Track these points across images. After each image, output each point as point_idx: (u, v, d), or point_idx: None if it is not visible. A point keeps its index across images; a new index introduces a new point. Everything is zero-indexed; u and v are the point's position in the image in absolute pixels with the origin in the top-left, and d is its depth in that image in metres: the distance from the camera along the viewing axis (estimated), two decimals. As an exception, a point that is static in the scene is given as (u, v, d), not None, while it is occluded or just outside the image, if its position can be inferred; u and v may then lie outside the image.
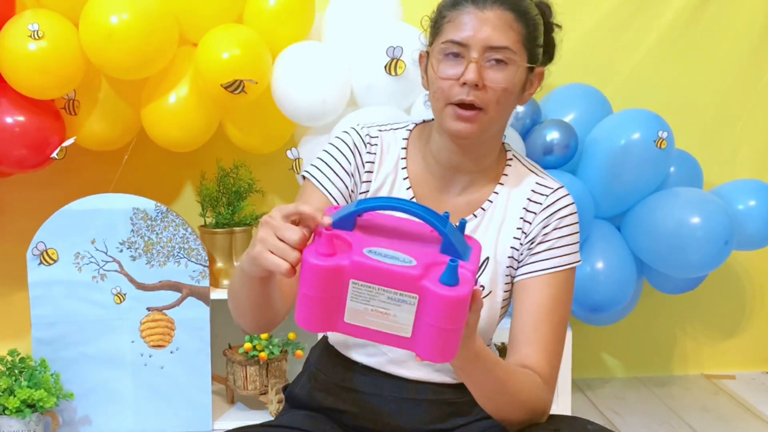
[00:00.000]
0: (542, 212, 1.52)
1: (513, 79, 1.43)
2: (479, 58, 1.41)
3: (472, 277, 1.11)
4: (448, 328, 1.10)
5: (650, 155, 2.50)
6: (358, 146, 1.55)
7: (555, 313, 1.49)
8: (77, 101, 2.42)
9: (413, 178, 1.56)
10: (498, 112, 1.45)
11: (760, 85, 3.02)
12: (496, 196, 1.54)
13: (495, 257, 1.52)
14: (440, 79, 1.44)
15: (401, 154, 1.56)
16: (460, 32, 1.42)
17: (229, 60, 2.27)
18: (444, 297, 1.08)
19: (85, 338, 2.47)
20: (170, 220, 2.46)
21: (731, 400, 2.92)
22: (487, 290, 1.52)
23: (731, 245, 2.51)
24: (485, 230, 1.53)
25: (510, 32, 1.41)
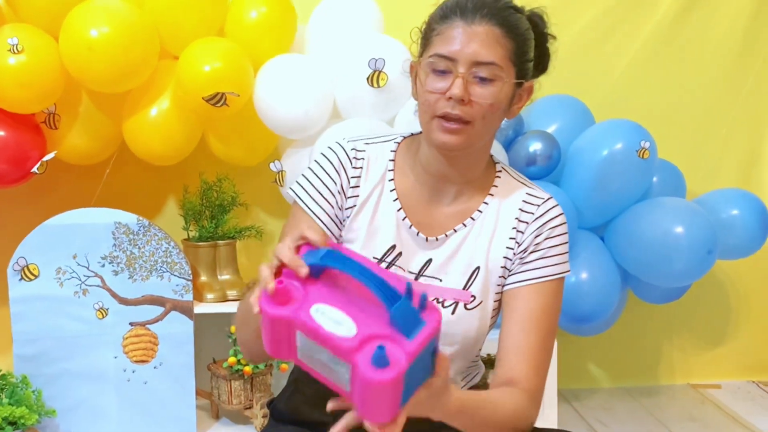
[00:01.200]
0: (534, 222, 1.52)
1: (499, 94, 1.43)
2: (466, 73, 1.41)
3: (408, 358, 1.09)
4: (376, 402, 1.10)
5: (633, 165, 2.51)
6: (343, 162, 1.55)
7: (544, 323, 1.49)
8: (58, 115, 2.41)
9: (400, 190, 1.55)
10: (484, 126, 1.45)
11: (741, 95, 3.04)
12: (486, 206, 1.54)
13: (486, 267, 1.53)
14: (427, 93, 1.45)
15: (388, 167, 1.56)
16: (447, 46, 1.42)
17: (211, 73, 2.26)
18: (367, 379, 1.08)
19: (68, 354, 2.45)
20: (153, 233, 2.45)
21: (717, 410, 2.92)
22: (478, 300, 1.52)
23: (715, 254, 2.52)
24: (475, 239, 1.53)
25: (498, 48, 1.41)
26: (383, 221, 1.55)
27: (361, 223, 1.55)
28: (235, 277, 2.67)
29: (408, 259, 1.54)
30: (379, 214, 1.55)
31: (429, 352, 1.14)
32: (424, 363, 1.15)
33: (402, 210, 1.54)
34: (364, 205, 1.55)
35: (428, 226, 1.55)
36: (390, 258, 1.54)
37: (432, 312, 1.15)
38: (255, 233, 2.70)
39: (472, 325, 1.52)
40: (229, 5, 2.44)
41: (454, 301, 1.52)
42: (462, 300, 1.52)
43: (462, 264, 1.53)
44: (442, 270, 1.54)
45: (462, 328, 1.52)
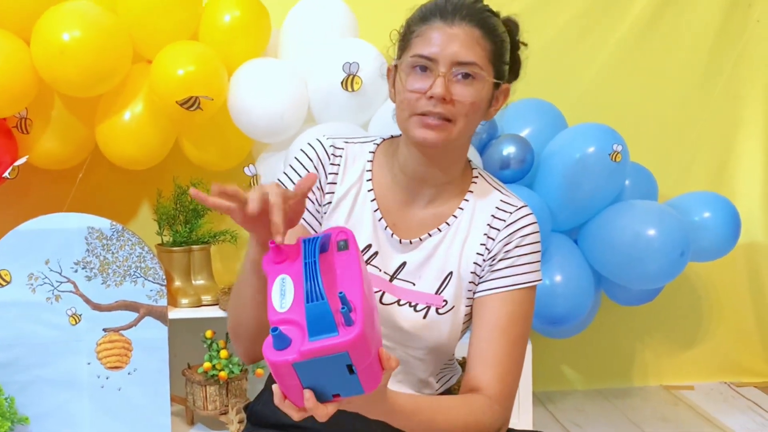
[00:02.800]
0: (505, 229, 1.52)
1: (480, 93, 1.44)
2: (447, 72, 1.42)
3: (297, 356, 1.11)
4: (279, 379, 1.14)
5: (605, 168, 2.53)
6: (322, 159, 1.56)
7: (511, 331, 1.49)
8: (29, 119, 2.39)
9: (378, 190, 1.56)
10: (465, 124, 1.46)
11: (712, 99, 3.08)
12: (461, 211, 1.54)
13: (458, 272, 1.53)
14: (408, 92, 1.45)
15: (366, 167, 1.57)
16: (428, 47, 1.43)
17: (185, 77, 2.25)
18: (263, 351, 1.12)
19: (40, 361, 2.42)
20: (126, 238, 2.43)
21: (690, 411, 2.94)
22: (450, 305, 1.52)
23: (687, 256, 2.54)
24: (449, 244, 1.54)
25: (477, 48, 1.43)
26: (360, 220, 1.55)
27: (337, 221, 1.55)
28: (210, 282, 2.66)
29: (384, 259, 1.54)
30: (356, 213, 1.55)
31: (340, 365, 1.13)
32: (335, 372, 1.13)
33: (378, 210, 1.55)
34: (341, 202, 1.56)
35: (403, 228, 1.55)
36: (366, 257, 1.54)
37: (349, 331, 1.12)
38: (229, 238, 2.69)
39: (443, 329, 1.52)
40: (203, 9, 2.44)
41: (426, 305, 1.52)
42: (434, 305, 1.52)
43: (435, 269, 1.53)
44: (416, 274, 1.53)
45: (433, 333, 1.52)
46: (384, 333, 1.54)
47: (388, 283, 1.53)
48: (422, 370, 1.58)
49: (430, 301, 1.52)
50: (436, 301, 1.52)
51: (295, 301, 1.17)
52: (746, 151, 3.15)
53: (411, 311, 1.52)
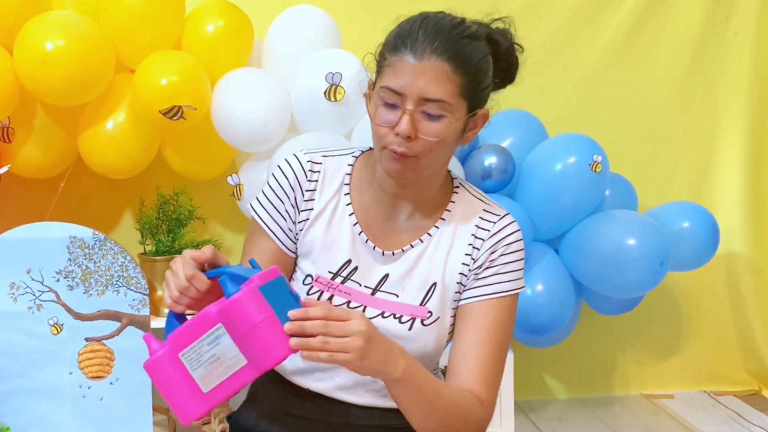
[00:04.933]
0: (490, 239, 1.53)
1: (447, 131, 1.42)
2: (413, 110, 1.40)
3: (259, 281, 1.23)
4: (254, 324, 1.21)
5: (586, 179, 2.55)
6: (298, 176, 1.55)
7: (495, 337, 1.50)
8: (11, 128, 2.38)
9: (357, 204, 1.56)
10: (431, 159, 1.45)
11: (691, 110, 3.11)
12: (443, 222, 1.55)
13: (443, 283, 1.53)
14: (377, 125, 1.44)
15: (345, 180, 1.56)
16: (396, 80, 1.40)
17: (168, 86, 2.26)
18: (228, 305, 1.22)
19: (22, 370, 2.41)
20: (108, 248, 2.43)
21: (671, 419, 2.96)
22: (435, 315, 1.53)
23: (667, 266, 2.56)
24: (432, 256, 1.54)
25: (447, 84, 1.39)
26: (338, 235, 1.55)
27: (314, 236, 1.55)
28: (192, 291, 2.66)
29: (364, 273, 1.54)
30: (334, 228, 1.55)
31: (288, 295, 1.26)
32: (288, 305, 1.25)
33: (358, 224, 1.55)
34: (318, 218, 1.56)
35: (385, 240, 1.55)
36: (345, 272, 1.54)
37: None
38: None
39: (429, 340, 1.53)
40: (186, 19, 2.45)
41: (411, 317, 1.53)
42: (419, 316, 1.52)
43: (418, 280, 1.53)
44: (399, 285, 1.54)
45: (419, 344, 1.53)
46: None
47: (369, 297, 1.54)
48: None
49: (415, 312, 1.52)
50: (421, 312, 1.52)
51: None
52: (725, 162, 3.19)
53: (396, 323, 1.52)
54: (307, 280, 1.56)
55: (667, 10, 3.07)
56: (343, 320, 1.28)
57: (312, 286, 1.55)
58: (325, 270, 1.55)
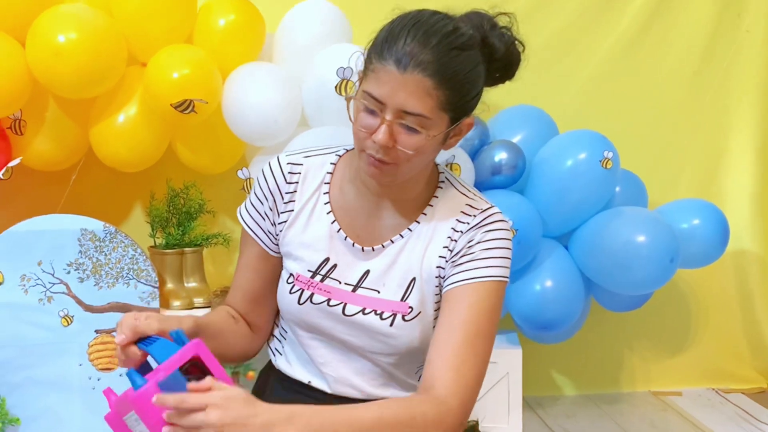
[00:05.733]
0: (469, 230, 1.51)
1: (425, 143, 1.41)
2: (392, 120, 1.39)
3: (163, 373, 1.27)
4: (157, 421, 1.26)
5: (596, 175, 2.55)
6: (278, 180, 1.57)
7: (471, 325, 1.45)
8: (23, 121, 2.39)
9: (337, 202, 1.56)
10: (410, 167, 1.44)
11: (702, 107, 3.10)
12: (424, 216, 1.54)
13: (421, 277, 1.52)
14: (357, 129, 1.44)
15: (325, 179, 1.57)
16: (378, 88, 1.39)
17: (179, 80, 2.26)
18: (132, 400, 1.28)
19: (32, 362, 2.42)
20: (119, 240, 2.44)
21: (679, 417, 2.96)
22: (416, 311, 1.52)
23: (677, 263, 2.56)
24: (411, 251, 1.53)
25: (427, 99, 1.37)
26: (316, 234, 1.56)
27: (293, 236, 1.57)
28: (202, 284, 2.67)
29: (344, 270, 1.55)
30: (312, 227, 1.56)
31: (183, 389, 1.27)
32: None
33: (336, 222, 1.55)
34: (297, 218, 1.57)
35: (367, 236, 1.55)
36: (324, 270, 1.55)
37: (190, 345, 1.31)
38: (222, 241, 2.70)
39: (412, 335, 1.52)
40: (198, 12, 2.45)
41: (392, 313, 1.52)
42: (399, 312, 1.52)
43: (398, 275, 1.53)
44: (380, 281, 1.53)
45: (402, 339, 1.52)
46: (351, 344, 1.55)
47: (349, 294, 1.54)
48: (402, 373, 1.59)
49: (396, 308, 1.52)
50: (402, 308, 1.52)
51: None
52: (735, 160, 3.18)
53: (377, 319, 1.52)
54: (290, 279, 1.57)
55: (678, 6, 3.06)
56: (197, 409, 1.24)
57: (294, 284, 1.56)
58: (305, 269, 1.56)
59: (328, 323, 1.55)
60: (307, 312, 1.56)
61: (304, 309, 1.55)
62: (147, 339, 1.37)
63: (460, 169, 2.44)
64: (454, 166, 2.43)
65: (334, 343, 1.57)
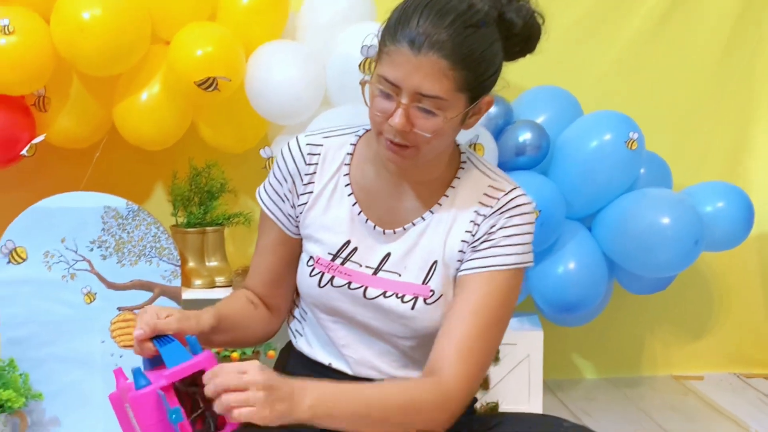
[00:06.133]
0: (492, 214, 1.48)
1: (443, 125, 1.39)
2: (408, 104, 1.36)
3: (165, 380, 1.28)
4: (148, 424, 1.28)
5: (621, 156, 2.53)
6: (297, 161, 1.55)
7: (485, 313, 1.44)
8: (47, 98, 2.40)
9: (358, 183, 1.54)
10: (429, 149, 1.42)
11: (728, 89, 3.07)
12: (446, 199, 1.52)
13: (443, 260, 1.50)
14: (373, 112, 1.42)
15: (345, 160, 1.55)
16: (393, 71, 1.36)
17: (203, 57, 2.26)
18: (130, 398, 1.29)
19: (55, 338, 2.44)
20: (142, 218, 2.44)
21: (700, 401, 2.95)
22: (438, 294, 1.50)
23: (701, 245, 2.54)
24: (433, 234, 1.51)
25: (443, 81, 1.34)
26: (336, 216, 1.54)
27: (313, 219, 1.55)
28: (223, 263, 2.67)
29: (365, 254, 1.53)
30: (332, 209, 1.54)
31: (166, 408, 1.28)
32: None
33: (357, 204, 1.53)
34: (317, 201, 1.55)
35: (386, 220, 1.53)
36: (345, 254, 1.53)
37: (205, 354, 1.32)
38: (243, 220, 2.70)
39: (434, 318, 1.50)
40: (221, -10, 2.44)
41: (413, 296, 1.51)
42: (421, 295, 1.50)
43: (420, 258, 1.51)
44: (401, 264, 1.52)
45: (424, 322, 1.51)
46: (371, 327, 1.54)
47: (370, 277, 1.52)
48: (422, 356, 1.55)
49: (417, 291, 1.50)
50: (423, 291, 1.50)
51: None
52: (761, 142, 3.15)
53: (398, 303, 1.50)
54: (310, 262, 1.56)
55: (705, -13, 3.03)
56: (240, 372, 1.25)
57: (314, 267, 1.55)
58: (325, 252, 1.54)
59: (348, 306, 1.54)
60: (328, 295, 1.54)
61: (325, 292, 1.55)
62: (163, 337, 1.39)
63: (483, 149, 2.43)
64: (478, 146, 2.42)
65: (355, 326, 1.56)
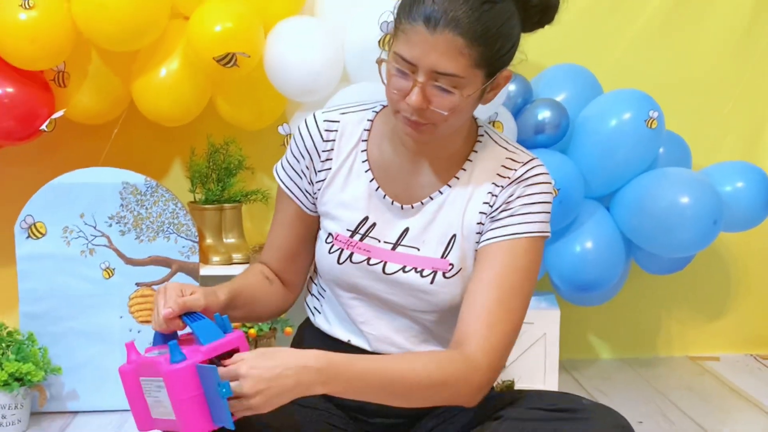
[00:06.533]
0: (509, 185, 1.49)
1: (460, 103, 1.39)
2: (425, 82, 1.36)
3: (202, 356, 1.30)
4: (183, 398, 1.28)
5: (641, 135, 2.52)
6: (314, 138, 1.55)
7: (507, 282, 1.45)
8: (67, 73, 2.40)
9: (375, 160, 1.55)
10: (447, 125, 1.42)
11: (749, 68, 3.04)
12: (464, 172, 1.52)
13: (462, 233, 1.51)
14: (390, 90, 1.41)
15: (362, 137, 1.55)
16: (409, 50, 1.36)
17: (222, 33, 2.25)
18: (166, 371, 1.29)
19: (74, 313, 2.45)
20: (160, 194, 2.45)
21: (716, 381, 2.94)
22: (457, 268, 1.51)
23: (720, 225, 2.53)
24: (451, 208, 1.52)
25: (460, 59, 1.34)
26: (354, 193, 1.55)
27: (331, 196, 1.56)
28: (241, 240, 2.68)
29: (383, 229, 1.54)
30: (350, 186, 1.55)
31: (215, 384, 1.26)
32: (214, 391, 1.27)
33: (375, 180, 1.54)
34: (335, 177, 1.56)
35: (404, 195, 1.54)
36: (363, 230, 1.54)
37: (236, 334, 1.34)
38: (261, 197, 2.70)
39: (454, 292, 1.51)
40: (241, -34, 2.43)
41: (432, 270, 1.51)
42: (440, 269, 1.51)
43: (438, 232, 1.51)
44: (419, 239, 1.52)
45: (444, 296, 1.51)
46: (392, 302, 1.54)
47: (389, 252, 1.53)
48: (443, 330, 1.57)
49: (436, 265, 1.51)
50: (442, 265, 1.51)
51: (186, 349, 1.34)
52: (782, 122, 3.13)
53: (417, 277, 1.51)
54: (329, 239, 1.56)
55: (727, -34, 3.00)
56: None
57: (333, 244, 1.55)
58: (344, 228, 1.55)
59: (368, 282, 1.55)
60: (347, 271, 1.55)
61: (344, 268, 1.55)
62: (192, 314, 1.40)
63: (502, 127, 2.42)
64: (497, 124, 2.41)
65: (374, 302, 1.57)
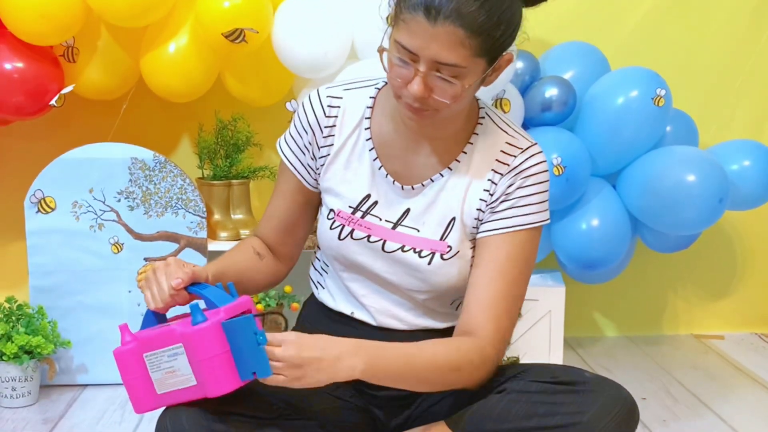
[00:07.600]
0: (509, 173, 1.51)
1: (461, 91, 1.40)
2: (426, 72, 1.37)
3: (225, 315, 1.32)
4: (210, 357, 1.30)
5: (648, 113, 2.51)
6: (317, 114, 1.56)
7: (510, 272, 1.49)
8: (76, 49, 2.40)
9: (377, 138, 1.56)
10: (449, 110, 1.43)
11: (758, 46, 3.03)
12: (464, 156, 1.53)
13: (461, 218, 1.53)
14: (392, 77, 1.43)
15: (365, 114, 1.56)
16: (410, 40, 1.37)
17: (230, 8, 2.26)
18: (190, 333, 1.31)
19: (83, 287, 2.47)
20: (168, 170, 2.46)
21: (721, 359, 2.95)
22: (455, 250, 1.53)
23: (726, 203, 2.53)
24: (451, 191, 1.53)
25: (460, 49, 1.35)
26: (357, 169, 1.56)
27: (334, 173, 1.57)
28: (248, 216, 2.69)
29: (384, 208, 1.55)
30: (354, 163, 1.56)
31: (250, 334, 1.30)
32: (247, 343, 1.30)
33: (378, 159, 1.55)
34: (339, 153, 1.57)
35: (406, 174, 1.55)
36: (365, 207, 1.55)
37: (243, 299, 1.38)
38: (268, 174, 2.71)
39: (451, 272, 1.54)
40: (249, -58, 2.43)
41: (431, 251, 1.53)
42: (438, 251, 1.53)
43: (438, 214, 1.53)
44: (420, 220, 1.54)
45: (441, 277, 1.54)
46: (389, 281, 1.56)
47: (390, 231, 1.54)
48: (438, 306, 1.60)
49: (435, 247, 1.53)
50: (441, 247, 1.53)
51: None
52: (790, 101, 3.12)
53: (416, 257, 1.53)
54: (330, 215, 1.58)
55: (737, -58, 2.98)
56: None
57: (334, 220, 1.57)
58: (346, 205, 1.56)
59: (367, 259, 1.56)
60: (347, 247, 1.57)
61: (345, 244, 1.57)
62: (198, 284, 1.43)
63: (510, 104, 2.42)
64: (504, 101, 2.41)
65: (372, 280, 1.59)
